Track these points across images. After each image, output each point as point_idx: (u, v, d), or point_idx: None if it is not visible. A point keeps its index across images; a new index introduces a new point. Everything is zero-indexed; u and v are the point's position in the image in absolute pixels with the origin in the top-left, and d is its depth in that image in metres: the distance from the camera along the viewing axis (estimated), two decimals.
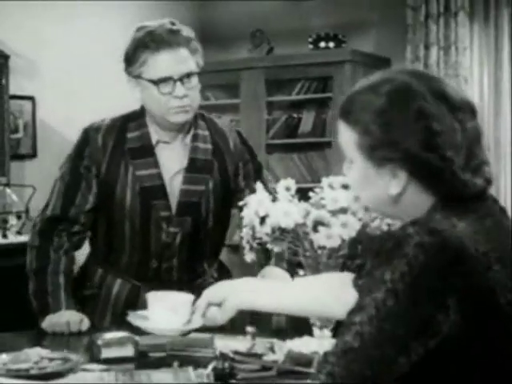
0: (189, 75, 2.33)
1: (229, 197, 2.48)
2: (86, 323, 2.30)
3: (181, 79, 2.31)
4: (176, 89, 2.30)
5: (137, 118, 2.44)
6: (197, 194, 2.41)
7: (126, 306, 2.30)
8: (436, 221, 1.36)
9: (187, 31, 2.36)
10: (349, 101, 1.48)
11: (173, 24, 2.35)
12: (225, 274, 2.59)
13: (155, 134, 2.41)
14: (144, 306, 2.18)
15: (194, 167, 2.41)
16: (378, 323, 1.29)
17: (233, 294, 1.72)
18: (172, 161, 2.41)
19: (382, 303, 1.29)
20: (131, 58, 2.35)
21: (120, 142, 2.40)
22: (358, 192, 1.51)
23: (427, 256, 1.30)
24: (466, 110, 1.44)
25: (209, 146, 2.45)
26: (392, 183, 1.42)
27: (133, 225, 2.40)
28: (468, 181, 1.41)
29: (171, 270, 2.43)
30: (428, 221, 1.36)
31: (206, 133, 2.46)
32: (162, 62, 2.30)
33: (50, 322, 2.29)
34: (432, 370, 1.31)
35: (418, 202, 1.43)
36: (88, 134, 2.42)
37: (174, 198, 2.40)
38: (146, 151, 2.40)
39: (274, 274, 2.31)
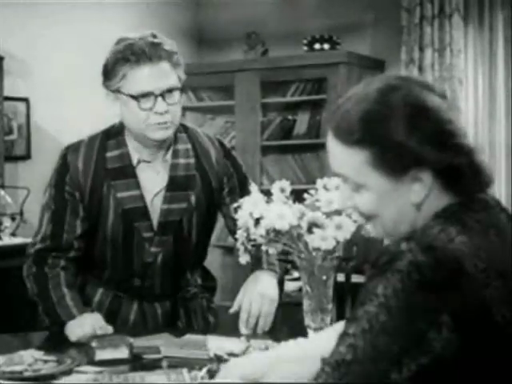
0: (170, 90, 2.24)
1: (213, 210, 2.45)
2: (109, 327, 2.19)
3: (162, 94, 2.22)
4: (157, 104, 2.22)
5: (115, 135, 2.36)
6: (178, 212, 2.35)
7: (108, 315, 2.30)
8: (432, 235, 1.33)
9: (169, 44, 2.28)
10: (344, 119, 1.41)
11: (154, 36, 2.26)
12: (209, 280, 2.58)
13: (136, 152, 2.34)
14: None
15: (175, 185, 2.35)
16: (371, 338, 1.28)
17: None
18: (153, 180, 2.35)
19: (375, 317, 1.28)
20: (110, 72, 2.27)
21: (100, 162, 2.33)
22: (379, 212, 1.42)
23: (421, 274, 1.27)
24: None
25: (191, 161, 2.38)
26: (415, 189, 1.38)
27: (115, 246, 2.35)
28: (487, 168, 1.42)
29: (153, 287, 2.40)
30: (424, 235, 1.34)
31: (188, 146, 2.39)
32: (143, 77, 2.22)
33: (73, 331, 2.20)
34: None
35: (439, 206, 1.40)
36: (67, 159, 2.34)
37: (156, 218, 2.35)
38: (127, 172, 2.33)
39: (262, 280, 2.28)
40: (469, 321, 1.28)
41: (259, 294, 2.24)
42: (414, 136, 1.36)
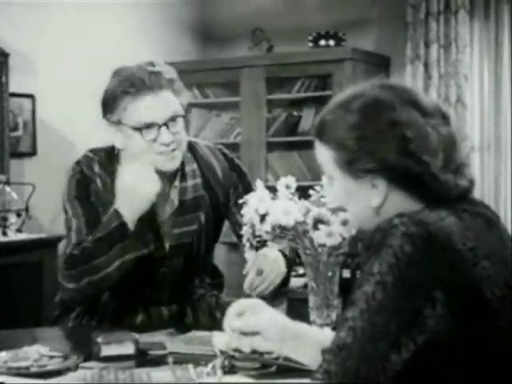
0: (174, 119, 2.19)
1: (220, 222, 2.45)
2: None
3: (166, 124, 2.18)
4: (162, 135, 2.17)
5: (118, 159, 2.30)
6: (189, 234, 2.33)
7: (114, 317, 2.29)
8: (423, 214, 1.39)
9: (169, 72, 2.23)
10: (322, 120, 1.53)
11: (153, 65, 2.21)
12: (217, 277, 2.57)
13: None
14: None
15: (184, 209, 2.32)
16: (369, 317, 1.31)
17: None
18: (163, 204, 2.31)
19: (372, 297, 1.32)
20: (111, 105, 2.21)
21: (113, 184, 2.23)
22: (344, 206, 1.55)
23: (414, 247, 1.32)
24: (439, 116, 1.48)
25: (198, 181, 2.35)
26: (373, 194, 1.45)
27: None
28: (449, 182, 1.44)
29: (161, 297, 2.37)
30: (415, 213, 1.39)
31: (194, 166, 2.36)
32: (145, 108, 2.16)
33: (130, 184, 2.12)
34: (423, 367, 1.32)
35: (403, 209, 1.43)
36: (84, 173, 2.27)
37: (167, 241, 2.32)
38: None
39: (273, 251, 2.25)
40: (460, 297, 1.31)
41: (270, 259, 2.19)
42: (364, 144, 1.44)
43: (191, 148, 2.39)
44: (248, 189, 2.42)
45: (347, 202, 1.52)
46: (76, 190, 2.28)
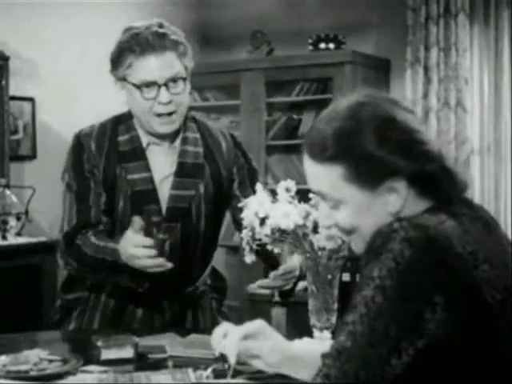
0: (175, 80, 2.26)
1: (222, 202, 2.43)
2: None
3: (166, 84, 2.24)
4: (160, 94, 2.24)
5: (125, 120, 2.38)
6: (186, 199, 2.34)
7: (116, 310, 2.28)
8: (423, 217, 1.38)
9: (175, 34, 2.29)
10: (317, 138, 1.47)
11: (160, 26, 2.29)
12: (218, 280, 2.57)
13: (145, 136, 2.35)
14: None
15: (183, 172, 2.35)
16: (369, 322, 1.31)
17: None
18: (162, 164, 2.35)
19: (371, 301, 1.32)
20: (116, 61, 2.29)
21: (112, 145, 2.34)
22: (359, 225, 1.46)
23: (413, 251, 1.31)
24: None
25: (199, 150, 2.38)
26: (391, 199, 1.42)
27: (123, 230, 2.30)
28: (460, 173, 1.46)
29: (161, 276, 2.33)
30: (415, 217, 1.39)
31: (197, 135, 2.40)
32: (147, 67, 2.23)
33: (128, 252, 2.15)
34: (423, 372, 1.32)
35: (416, 211, 1.43)
36: (80, 140, 2.36)
37: (164, 203, 2.33)
38: (137, 154, 2.34)
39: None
40: (461, 301, 1.31)
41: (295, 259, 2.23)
42: (384, 147, 1.40)
43: (197, 122, 2.44)
44: (253, 174, 2.46)
45: (362, 218, 1.45)
46: (71, 159, 2.37)
